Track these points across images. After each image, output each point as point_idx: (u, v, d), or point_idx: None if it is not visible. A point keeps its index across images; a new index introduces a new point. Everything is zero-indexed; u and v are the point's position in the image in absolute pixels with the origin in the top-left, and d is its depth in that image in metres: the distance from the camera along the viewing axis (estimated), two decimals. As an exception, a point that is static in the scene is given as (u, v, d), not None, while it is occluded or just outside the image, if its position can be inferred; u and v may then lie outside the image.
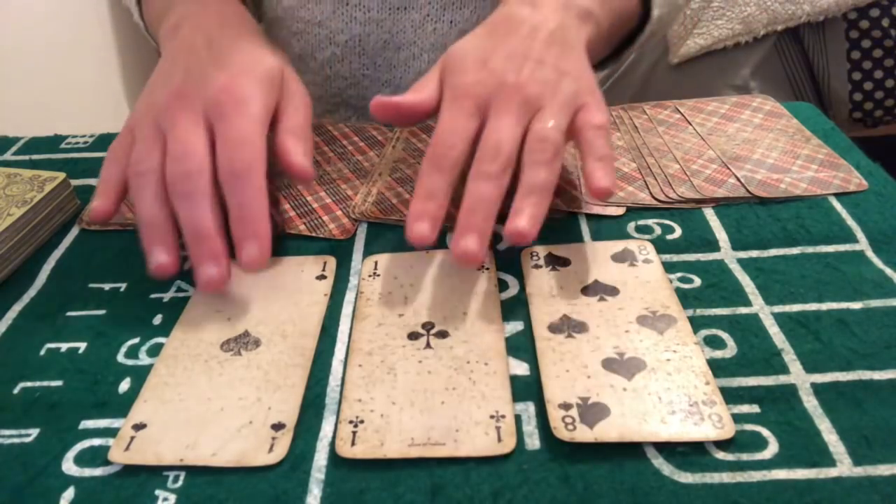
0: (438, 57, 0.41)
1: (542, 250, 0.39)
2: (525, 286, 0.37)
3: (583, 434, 0.29)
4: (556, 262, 0.39)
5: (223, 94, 0.38)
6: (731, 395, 0.31)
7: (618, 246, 0.39)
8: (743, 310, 0.35)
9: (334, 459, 0.29)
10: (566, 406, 0.30)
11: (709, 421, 0.29)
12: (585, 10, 0.43)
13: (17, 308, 0.38)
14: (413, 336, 0.34)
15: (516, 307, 0.36)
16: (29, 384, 0.33)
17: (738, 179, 0.44)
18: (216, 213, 0.36)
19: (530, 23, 0.41)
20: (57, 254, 0.42)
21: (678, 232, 0.41)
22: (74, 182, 0.47)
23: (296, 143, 0.39)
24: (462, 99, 0.38)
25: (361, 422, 0.30)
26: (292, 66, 0.44)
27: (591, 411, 0.30)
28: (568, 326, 0.34)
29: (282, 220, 0.43)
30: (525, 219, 0.35)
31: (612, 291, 0.36)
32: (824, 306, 0.35)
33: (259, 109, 0.39)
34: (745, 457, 0.28)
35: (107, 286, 0.39)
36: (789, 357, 0.32)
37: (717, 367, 0.32)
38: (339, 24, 0.58)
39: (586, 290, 0.36)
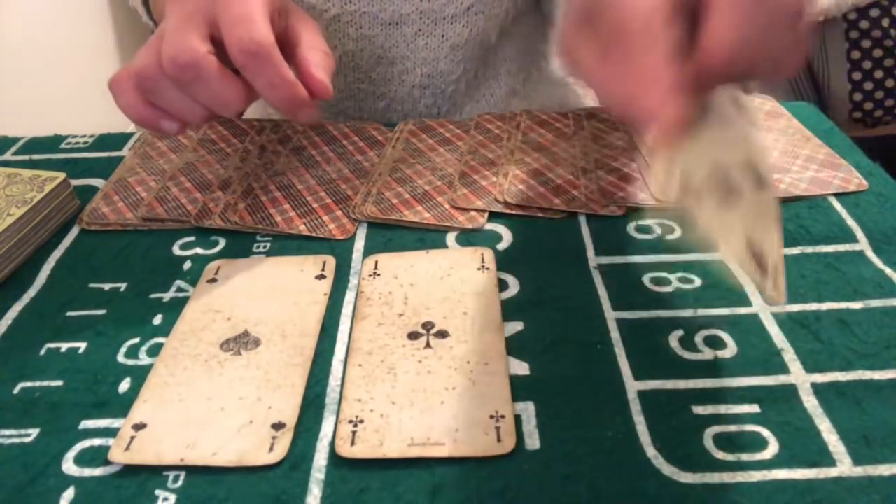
0: (431, 71, 0.40)
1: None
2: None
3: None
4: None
5: None
6: (731, 396, 0.31)
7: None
8: (743, 310, 0.35)
9: (334, 459, 0.29)
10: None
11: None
12: None
13: (17, 308, 0.38)
14: (413, 336, 0.34)
15: (516, 307, 0.36)
16: (29, 384, 0.33)
17: (738, 179, 0.44)
18: (239, 86, 0.36)
19: None
20: (57, 254, 0.42)
21: (678, 232, 0.41)
22: (74, 182, 0.47)
23: (316, 56, 0.39)
24: None
25: (361, 421, 0.30)
26: None
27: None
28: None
29: (296, 221, 0.43)
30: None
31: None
32: (824, 306, 0.35)
33: (262, 4, 0.37)
34: (745, 457, 0.28)
35: (107, 286, 0.39)
36: (789, 357, 0.32)
37: (717, 368, 0.32)
38: (332, 41, 0.58)
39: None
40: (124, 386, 0.33)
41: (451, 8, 0.56)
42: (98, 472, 0.29)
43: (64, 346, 0.36)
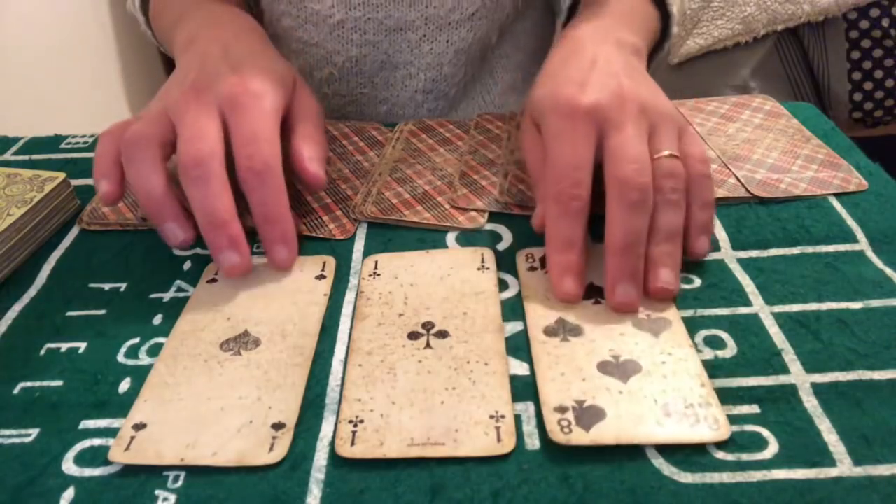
0: (435, 76, 0.41)
1: (537, 252, 0.39)
2: (520, 289, 0.37)
3: (579, 437, 0.29)
4: None
5: (237, 87, 0.38)
6: (730, 396, 0.31)
7: None
8: (743, 310, 0.35)
9: (334, 459, 0.29)
10: (562, 409, 0.30)
11: (704, 423, 0.29)
12: (635, 46, 0.43)
13: (17, 308, 0.38)
14: (413, 336, 0.34)
15: (516, 307, 0.36)
16: (29, 384, 0.33)
17: (738, 179, 0.44)
18: (231, 198, 0.36)
19: (601, 56, 0.39)
20: (57, 254, 0.42)
21: (678, 232, 0.41)
22: (74, 182, 0.47)
23: (310, 148, 0.40)
24: (574, 117, 0.35)
25: (361, 421, 0.30)
26: None
27: (587, 414, 0.30)
28: (563, 329, 0.34)
29: (298, 220, 0.43)
30: (669, 273, 0.34)
31: None
32: (824, 306, 0.35)
33: (273, 105, 0.39)
34: (744, 457, 0.28)
35: (107, 286, 0.40)
36: (789, 357, 0.32)
37: (716, 368, 0.32)
38: (336, 46, 0.58)
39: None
40: (124, 386, 0.33)
41: (457, 14, 0.56)
42: (98, 472, 0.29)
43: (64, 346, 0.36)
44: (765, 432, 0.29)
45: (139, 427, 0.30)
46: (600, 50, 0.40)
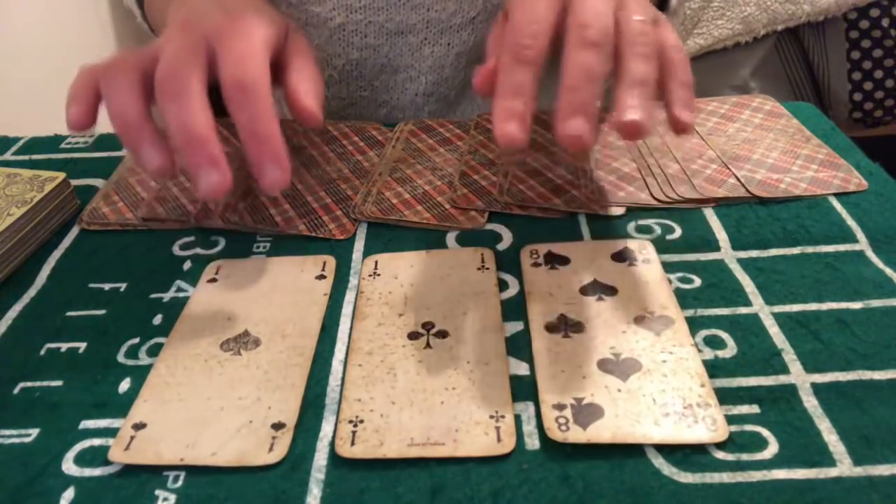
0: (436, 79, 0.40)
1: (541, 248, 0.39)
2: (523, 284, 0.37)
3: (576, 435, 0.29)
4: (555, 260, 0.39)
5: (227, 21, 0.36)
6: (730, 396, 0.31)
7: (618, 245, 0.39)
8: (743, 310, 0.35)
9: (334, 459, 0.29)
10: (560, 406, 0.30)
11: (702, 423, 0.29)
12: None
13: (17, 308, 0.38)
14: (413, 336, 0.34)
15: (516, 307, 0.36)
16: (29, 384, 0.33)
17: (738, 179, 0.44)
18: (211, 116, 0.33)
19: None
20: (57, 254, 0.42)
21: (678, 232, 0.41)
22: (74, 182, 0.47)
23: (307, 86, 0.38)
24: None
25: (361, 421, 0.30)
26: None
27: (585, 412, 0.30)
28: (565, 326, 0.34)
29: (298, 220, 0.42)
30: (638, 110, 0.31)
31: (611, 291, 0.36)
32: (824, 306, 0.35)
33: (263, 39, 0.36)
34: (745, 457, 0.28)
35: (107, 286, 0.39)
36: (789, 357, 0.32)
37: (716, 368, 0.32)
38: (337, 49, 0.58)
39: (585, 290, 0.36)
40: (124, 386, 0.33)
41: (458, 17, 0.56)
42: (98, 472, 0.29)
43: (64, 346, 0.36)
44: (765, 432, 0.29)
45: (139, 427, 0.30)
46: None
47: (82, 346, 0.36)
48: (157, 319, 0.37)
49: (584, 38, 0.31)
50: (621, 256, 0.39)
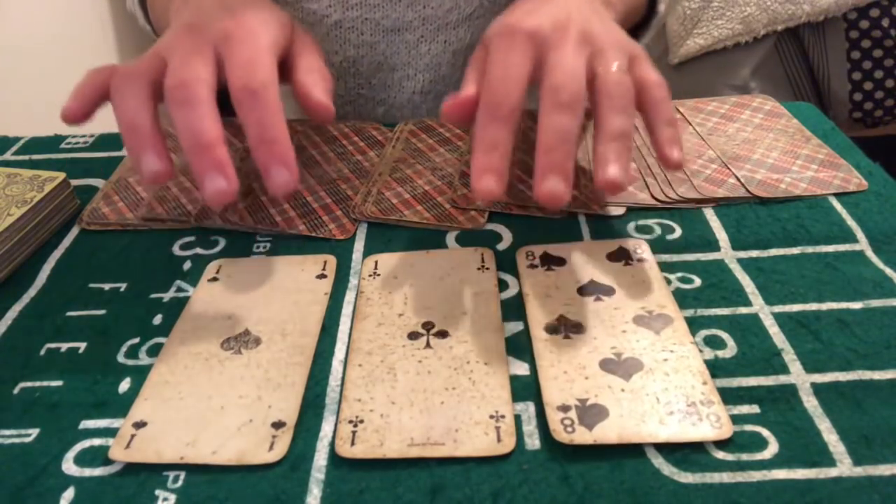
0: (433, 77, 0.40)
1: (537, 250, 0.39)
2: (521, 286, 0.37)
3: (582, 436, 0.29)
4: (551, 261, 0.39)
5: (232, 24, 0.37)
6: (731, 395, 0.31)
7: (613, 245, 0.39)
8: (743, 310, 0.35)
9: (334, 459, 0.29)
10: (565, 408, 0.30)
11: (707, 421, 0.29)
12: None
13: (17, 308, 0.38)
14: (413, 336, 0.34)
15: (516, 307, 0.36)
16: (29, 384, 0.33)
17: (738, 179, 0.44)
18: (219, 123, 0.34)
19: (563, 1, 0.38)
20: (57, 254, 0.42)
21: (678, 232, 0.41)
22: (74, 182, 0.47)
23: (315, 81, 0.39)
24: (513, 35, 0.35)
25: (361, 421, 0.30)
26: None
27: (590, 413, 0.30)
28: (565, 327, 0.34)
29: (298, 220, 0.43)
30: (616, 167, 0.32)
31: (609, 291, 0.36)
32: (824, 306, 0.35)
33: (269, 41, 0.37)
34: (744, 457, 0.28)
35: (107, 286, 0.39)
36: (789, 357, 0.32)
37: (717, 367, 0.32)
38: (334, 46, 0.58)
39: (582, 290, 0.36)
40: (124, 386, 0.33)
41: (454, 14, 0.56)
42: (98, 472, 0.29)
43: (64, 346, 0.36)
44: (765, 432, 0.29)
45: (139, 425, 0.30)
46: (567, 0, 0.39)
47: (82, 346, 0.36)
48: (157, 319, 0.37)
49: (557, 101, 0.33)
50: (617, 256, 0.39)
